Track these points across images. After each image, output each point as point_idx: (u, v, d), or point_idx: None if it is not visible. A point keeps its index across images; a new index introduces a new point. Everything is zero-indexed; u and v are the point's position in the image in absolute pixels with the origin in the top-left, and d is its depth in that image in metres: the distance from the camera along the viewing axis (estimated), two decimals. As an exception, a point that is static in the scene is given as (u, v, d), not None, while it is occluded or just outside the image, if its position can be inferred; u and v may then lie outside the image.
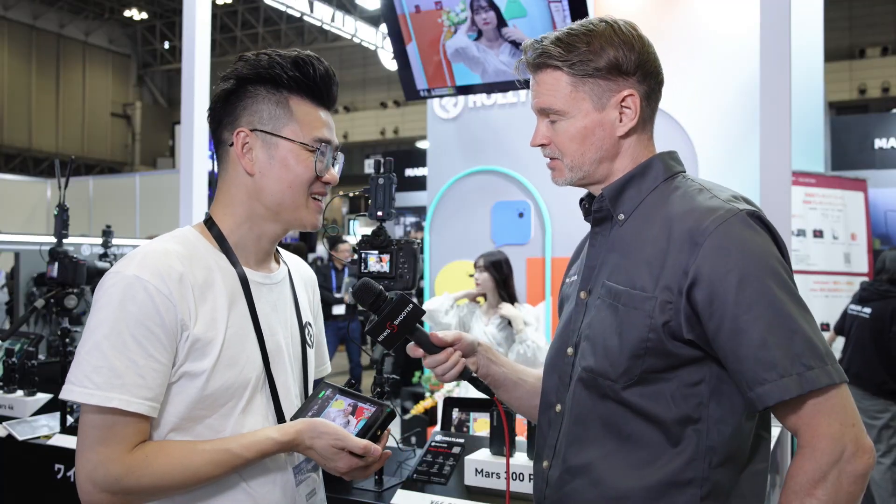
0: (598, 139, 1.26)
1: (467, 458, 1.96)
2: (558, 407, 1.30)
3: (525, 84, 1.35)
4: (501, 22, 3.63)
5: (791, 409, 1.10)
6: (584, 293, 1.30)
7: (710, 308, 1.11)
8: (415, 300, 1.31)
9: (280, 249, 1.47)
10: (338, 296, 7.94)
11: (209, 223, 1.33)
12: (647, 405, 1.17)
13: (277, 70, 1.27)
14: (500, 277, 4.01)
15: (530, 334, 3.85)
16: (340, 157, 1.37)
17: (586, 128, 1.25)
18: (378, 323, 1.28)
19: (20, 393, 2.93)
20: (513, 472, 1.90)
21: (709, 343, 1.14)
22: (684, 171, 1.30)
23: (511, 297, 4.03)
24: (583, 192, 1.38)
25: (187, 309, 1.19)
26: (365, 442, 1.23)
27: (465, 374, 1.34)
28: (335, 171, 1.35)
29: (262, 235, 1.33)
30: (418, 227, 12.85)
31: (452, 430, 2.41)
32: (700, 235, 1.13)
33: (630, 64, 1.23)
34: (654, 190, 1.26)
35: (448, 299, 4.11)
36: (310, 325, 1.46)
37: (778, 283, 1.11)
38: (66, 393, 1.15)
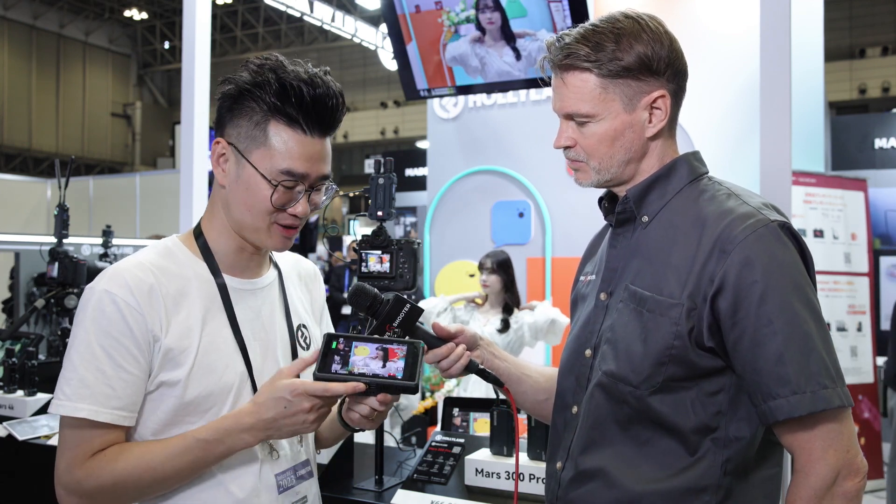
0: (627, 141, 1.22)
1: (467, 458, 1.96)
2: (574, 409, 1.28)
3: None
4: (506, 24, 3.63)
5: (795, 427, 1.10)
6: (604, 295, 1.28)
7: (732, 318, 1.11)
8: (411, 300, 1.29)
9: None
10: (345, 296, 7.95)
11: (197, 230, 1.34)
12: (666, 412, 1.16)
13: (261, 90, 1.21)
14: (509, 279, 3.95)
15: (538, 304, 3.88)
16: (331, 186, 1.30)
17: (616, 130, 1.22)
18: (377, 327, 1.27)
19: (20, 393, 2.93)
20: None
21: (727, 352, 1.13)
22: (708, 172, 1.28)
23: (515, 300, 3.98)
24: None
25: (158, 320, 1.20)
26: (322, 385, 1.16)
27: (471, 367, 1.32)
28: (314, 202, 1.28)
29: (243, 247, 1.32)
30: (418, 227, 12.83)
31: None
32: (729, 244, 1.12)
33: (660, 62, 1.20)
34: (679, 192, 1.24)
35: (443, 301, 4.02)
36: (304, 327, 1.43)
37: (800, 300, 1.10)
38: (50, 406, 1.20)
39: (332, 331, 1.55)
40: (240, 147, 1.24)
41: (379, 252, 1.91)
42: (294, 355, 1.39)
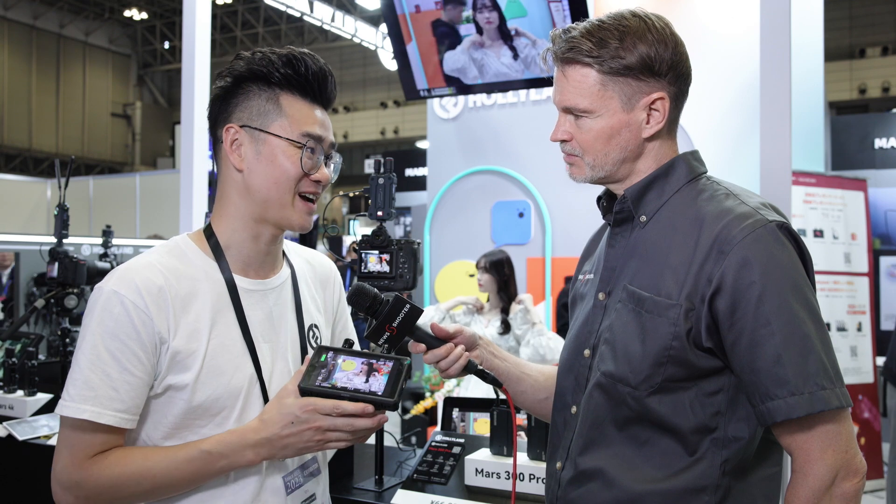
0: (623, 140, 1.22)
1: (467, 458, 1.96)
2: (574, 408, 1.28)
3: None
4: (503, 23, 3.64)
5: (793, 428, 1.10)
6: (602, 294, 1.28)
7: (730, 319, 1.11)
8: (411, 300, 1.29)
9: (289, 245, 1.44)
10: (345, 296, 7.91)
11: (208, 230, 1.33)
12: (665, 413, 1.16)
13: (270, 67, 1.26)
14: (502, 278, 3.93)
15: (546, 331, 3.80)
16: (337, 157, 1.35)
17: (612, 127, 1.21)
18: (377, 327, 1.26)
19: (20, 393, 2.93)
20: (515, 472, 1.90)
21: (725, 353, 1.13)
22: (707, 172, 1.28)
23: (511, 300, 3.99)
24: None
25: (166, 322, 1.19)
26: (333, 403, 1.15)
27: (469, 368, 1.32)
28: (328, 171, 1.32)
29: (258, 236, 1.31)
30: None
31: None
32: (727, 244, 1.12)
33: (663, 64, 1.19)
34: (677, 192, 1.24)
35: (438, 313, 3.96)
36: (315, 327, 1.42)
37: (798, 301, 1.10)
38: (56, 407, 1.21)
39: (353, 329, 1.54)
40: (255, 125, 1.27)
41: (379, 252, 1.91)
42: (304, 357, 1.37)
